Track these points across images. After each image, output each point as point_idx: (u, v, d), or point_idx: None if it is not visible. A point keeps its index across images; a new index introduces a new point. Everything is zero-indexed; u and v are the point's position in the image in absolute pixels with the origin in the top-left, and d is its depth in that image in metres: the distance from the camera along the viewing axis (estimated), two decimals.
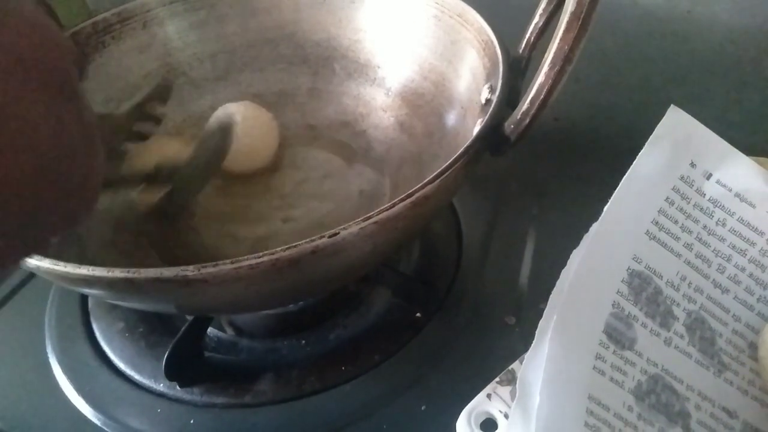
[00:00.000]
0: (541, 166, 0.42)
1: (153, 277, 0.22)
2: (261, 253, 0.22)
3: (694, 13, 0.37)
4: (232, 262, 0.22)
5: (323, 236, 0.22)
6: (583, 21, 0.22)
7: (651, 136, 0.25)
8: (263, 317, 0.34)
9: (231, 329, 0.34)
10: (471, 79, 0.34)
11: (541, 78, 0.24)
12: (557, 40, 0.23)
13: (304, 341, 0.33)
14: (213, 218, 0.36)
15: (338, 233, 0.22)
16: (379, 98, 0.40)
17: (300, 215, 0.36)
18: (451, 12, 0.35)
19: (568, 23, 0.22)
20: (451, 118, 0.35)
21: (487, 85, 0.31)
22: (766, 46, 0.37)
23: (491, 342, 0.31)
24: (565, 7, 0.23)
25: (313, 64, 0.42)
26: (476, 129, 0.28)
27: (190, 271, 0.21)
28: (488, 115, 0.27)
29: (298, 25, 0.41)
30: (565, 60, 0.23)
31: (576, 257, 0.24)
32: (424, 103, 0.38)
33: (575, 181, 0.40)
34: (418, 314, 0.33)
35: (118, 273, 0.22)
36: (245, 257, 0.22)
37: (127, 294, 0.24)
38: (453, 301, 0.34)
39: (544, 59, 0.23)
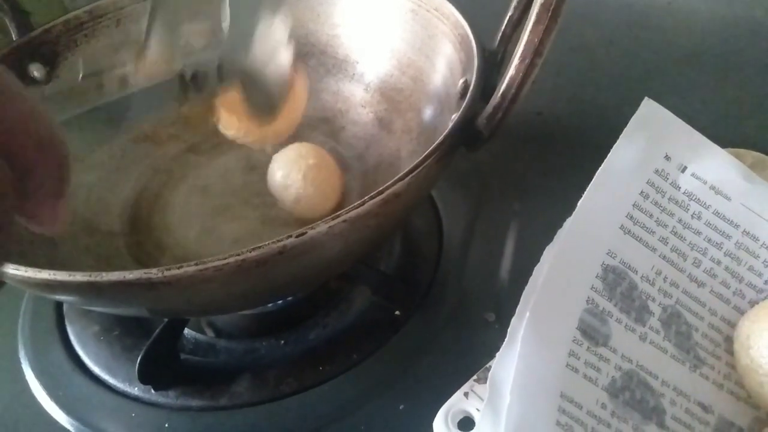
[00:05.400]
0: (522, 161, 0.42)
1: (116, 280, 0.21)
2: (227, 254, 0.21)
3: (674, 4, 0.37)
4: (197, 264, 0.21)
5: (290, 236, 0.22)
6: (552, 13, 0.22)
7: (625, 129, 0.25)
8: (243, 317, 0.34)
9: (210, 330, 0.34)
10: (448, 74, 0.33)
11: (511, 72, 0.23)
12: (527, 33, 0.22)
13: (283, 341, 0.32)
14: (191, 218, 0.36)
15: (305, 233, 0.22)
16: (358, 94, 0.40)
17: (279, 215, 0.36)
18: (428, 6, 0.35)
19: (538, 15, 0.22)
20: (429, 113, 0.35)
21: (462, 80, 0.30)
22: (745, 36, 0.37)
23: (471, 339, 0.31)
24: (533, 4, 0.22)
25: (292, 60, 0.41)
26: (453, 119, 0.28)
27: (153, 273, 0.21)
28: (462, 110, 0.26)
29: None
30: (535, 53, 0.22)
31: (549, 253, 0.24)
32: (403, 99, 0.37)
33: (557, 175, 0.40)
34: (397, 312, 0.32)
35: (79, 277, 0.21)
36: (211, 259, 0.21)
37: (92, 298, 0.23)
38: (433, 298, 0.33)
39: (514, 52, 0.23)
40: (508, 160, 0.41)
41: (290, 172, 0.33)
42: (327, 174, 0.34)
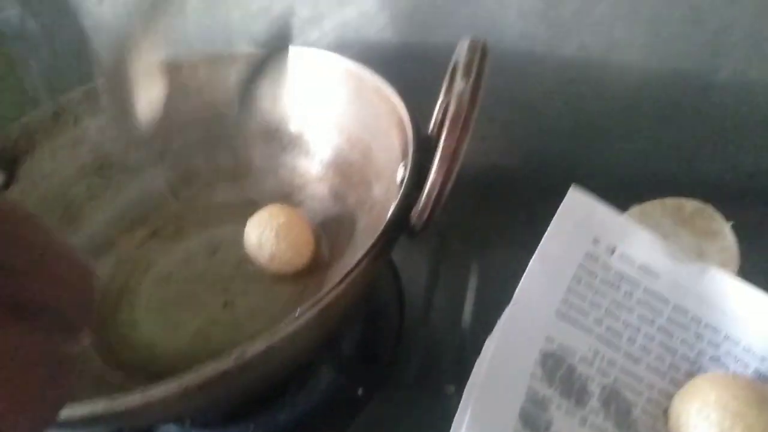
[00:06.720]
0: (480, 217, 0.43)
1: (65, 419, 0.22)
2: (170, 380, 0.22)
3: (610, 60, 0.38)
4: (141, 392, 0.22)
5: (229, 358, 0.22)
6: (463, 124, 0.23)
7: (554, 218, 0.26)
8: None
9: (186, 418, 0.34)
10: (391, 153, 0.34)
11: (432, 177, 0.24)
12: (442, 141, 0.23)
13: (253, 425, 0.33)
14: (153, 308, 0.37)
15: (245, 352, 0.23)
16: (313, 169, 0.41)
17: (239, 298, 0.36)
18: (370, 87, 0.36)
19: (450, 126, 0.23)
20: (378, 190, 0.36)
21: (402, 164, 0.31)
22: (681, 86, 0.38)
23: (431, 414, 0.31)
24: (449, 108, 0.24)
25: (248, 139, 0.42)
26: (390, 212, 0.29)
27: (100, 407, 0.22)
28: (396, 204, 0.27)
29: (230, 103, 0.42)
30: (452, 160, 0.23)
31: (490, 345, 0.25)
32: (354, 173, 0.38)
33: (515, 229, 0.41)
34: (360, 391, 0.33)
35: None
36: (154, 386, 0.22)
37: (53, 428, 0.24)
38: (395, 372, 0.34)
39: (434, 159, 0.24)
40: (466, 217, 0.42)
41: (263, 231, 0.35)
42: (298, 230, 0.36)
